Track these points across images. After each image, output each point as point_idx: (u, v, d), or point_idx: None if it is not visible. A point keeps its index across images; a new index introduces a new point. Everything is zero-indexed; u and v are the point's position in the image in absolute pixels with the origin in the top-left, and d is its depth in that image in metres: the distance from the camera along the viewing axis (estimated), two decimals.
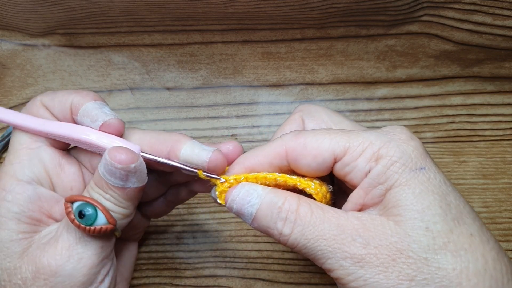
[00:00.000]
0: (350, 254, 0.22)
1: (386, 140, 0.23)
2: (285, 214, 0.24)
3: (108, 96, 0.43)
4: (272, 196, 0.24)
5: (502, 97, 0.44)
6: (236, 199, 0.25)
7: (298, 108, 0.29)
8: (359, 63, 0.44)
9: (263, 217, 0.24)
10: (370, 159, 0.23)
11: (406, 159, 0.22)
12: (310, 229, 0.23)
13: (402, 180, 0.22)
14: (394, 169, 0.22)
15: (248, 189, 0.25)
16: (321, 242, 0.22)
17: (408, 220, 0.22)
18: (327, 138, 0.24)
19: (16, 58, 0.43)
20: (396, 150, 0.22)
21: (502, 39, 0.41)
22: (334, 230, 0.22)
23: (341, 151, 0.23)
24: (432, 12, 0.40)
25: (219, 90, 0.44)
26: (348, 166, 0.23)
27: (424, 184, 0.22)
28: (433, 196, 0.22)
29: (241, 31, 0.43)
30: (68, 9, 0.40)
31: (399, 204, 0.22)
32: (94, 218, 0.24)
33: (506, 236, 0.39)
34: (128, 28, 0.42)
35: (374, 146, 0.23)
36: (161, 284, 0.37)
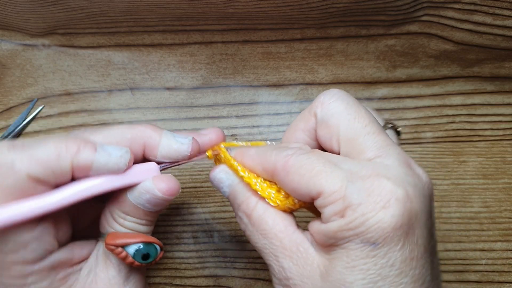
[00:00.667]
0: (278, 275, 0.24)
1: (360, 200, 0.21)
2: (241, 214, 0.26)
3: (108, 96, 0.43)
4: (238, 189, 0.27)
5: (502, 97, 0.44)
6: (213, 181, 0.28)
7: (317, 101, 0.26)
8: (359, 63, 0.44)
9: (231, 204, 0.27)
10: (335, 213, 0.21)
11: (363, 230, 0.20)
12: (257, 236, 0.25)
13: (347, 246, 0.21)
14: (345, 234, 0.21)
15: (222, 176, 0.28)
16: (263, 251, 0.25)
17: (330, 282, 0.21)
18: (306, 175, 0.22)
19: (16, 58, 0.43)
20: (360, 218, 0.20)
21: (502, 39, 0.41)
22: (273, 249, 0.24)
23: (315, 194, 0.22)
24: (432, 12, 0.40)
25: (219, 90, 0.44)
26: (320, 209, 0.22)
27: (363, 259, 0.20)
28: (362, 275, 0.20)
29: (241, 31, 0.43)
30: (68, 9, 0.40)
31: (333, 264, 0.21)
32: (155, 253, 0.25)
33: (506, 236, 0.39)
34: (128, 28, 0.42)
35: (345, 202, 0.21)
36: (161, 284, 0.37)
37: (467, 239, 0.39)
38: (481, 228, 0.39)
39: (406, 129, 0.43)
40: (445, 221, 0.40)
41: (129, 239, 0.24)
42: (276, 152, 0.25)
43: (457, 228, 0.40)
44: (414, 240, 0.21)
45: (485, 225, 0.40)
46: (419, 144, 0.43)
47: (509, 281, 0.38)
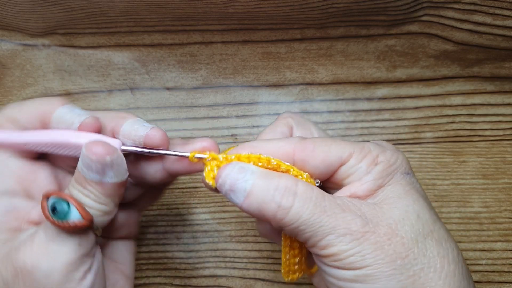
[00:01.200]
0: (351, 231, 0.23)
1: (382, 149, 0.26)
2: (284, 187, 0.24)
3: (108, 96, 0.43)
4: (267, 172, 0.25)
5: (502, 97, 0.44)
6: (230, 174, 0.25)
7: (285, 114, 0.30)
8: (359, 63, 0.44)
9: (258, 192, 0.24)
10: (371, 163, 0.25)
11: (398, 165, 0.26)
12: (312, 204, 0.24)
13: (395, 180, 0.25)
14: (389, 171, 0.25)
15: (242, 165, 0.25)
16: (323, 218, 0.23)
17: (402, 207, 0.24)
18: (334, 144, 0.26)
19: (16, 58, 0.43)
20: (391, 156, 0.26)
21: (502, 39, 0.41)
22: (335, 208, 0.24)
23: (347, 156, 0.25)
24: (432, 12, 0.40)
25: (219, 90, 0.44)
26: (352, 168, 0.25)
27: (411, 184, 0.26)
28: (418, 194, 0.26)
29: (241, 31, 0.43)
30: (68, 9, 0.40)
31: (391, 196, 0.25)
32: (67, 213, 0.24)
33: (506, 236, 0.39)
34: (128, 28, 0.42)
35: (374, 153, 0.26)
36: (161, 284, 0.37)
37: (467, 239, 0.39)
38: (481, 228, 0.39)
39: (406, 129, 0.43)
40: (445, 221, 0.40)
41: (54, 193, 0.24)
42: (287, 140, 0.26)
43: (457, 228, 0.40)
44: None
45: (485, 225, 0.40)
46: (419, 144, 0.43)
47: (509, 281, 0.38)
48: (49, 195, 0.24)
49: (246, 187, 0.24)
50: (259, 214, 0.24)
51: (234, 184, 0.24)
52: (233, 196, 0.25)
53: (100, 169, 0.24)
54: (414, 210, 0.24)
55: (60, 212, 0.24)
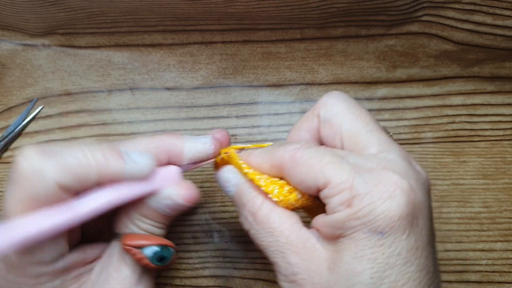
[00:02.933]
0: (285, 272, 0.23)
1: (367, 190, 0.21)
2: (246, 213, 0.26)
3: (108, 96, 0.43)
4: (243, 189, 0.27)
5: (503, 97, 0.44)
6: (220, 179, 0.29)
7: (320, 102, 0.27)
8: (359, 63, 0.44)
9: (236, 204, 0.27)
10: (342, 203, 0.22)
11: (370, 219, 0.21)
12: (263, 234, 0.24)
13: (354, 236, 0.21)
14: (352, 224, 0.21)
15: (229, 175, 0.28)
16: (269, 249, 0.24)
17: (338, 273, 0.21)
18: (315, 166, 0.23)
19: (16, 58, 0.43)
20: (367, 207, 0.21)
21: (503, 39, 0.41)
22: (279, 246, 0.24)
23: (323, 184, 0.23)
24: (432, 12, 0.40)
25: (219, 90, 0.44)
26: (326, 199, 0.23)
27: (371, 249, 0.21)
28: (371, 264, 0.21)
29: (241, 31, 0.43)
30: (68, 9, 0.40)
31: (341, 255, 0.22)
32: (170, 256, 0.26)
33: (506, 236, 0.39)
34: (128, 28, 0.42)
35: (352, 192, 0.22)
36: (161, 284, 0.37)
37: (467, 239, 0.39)
38: (481, 228, 0.39)
39: (406, 129, 0.43)
40: (445, 221, 0.40)
41: (147, 241, 0.24)
42: (283, 147, 0.25)
43: (457, 229, 0.39)
44: (418, 230, 0.21)
45: (485, 225, 0.39)
46: (419, 144, 0.43)
47: (509, 282, 0.38)
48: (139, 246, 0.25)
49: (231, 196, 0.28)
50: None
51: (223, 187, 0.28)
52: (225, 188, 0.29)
53: (178, 208, 0.26)
54: (347, 285, 0.21)
55: (167, 258, 0.25)
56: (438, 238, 0.39)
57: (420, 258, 0.21)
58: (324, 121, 0.26)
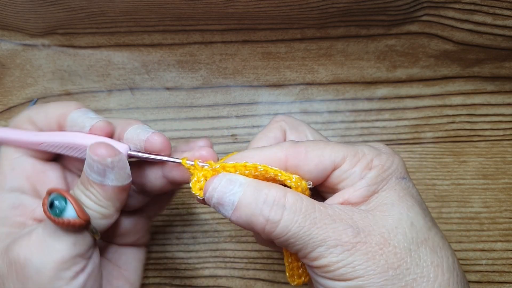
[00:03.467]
0: (341, 242, 0.23)
1: (377, 153, 0.26)
2: (273, 200, 0.23)
3: (108, 96, 0.43)
4: (256, 184, 0.24)
5: (503, 97, 0.44)
6: (217, 188, 0.24)
7: (278, 117, 0.30)
8: (359, 63, 0.44)
9: (246, 205, 0.23)
10: (365, 167, 0.25)
11: (393, 169, 0.25)
12: (301, 216, 0.23)
13: (389, 185, 0.25)
14: (384, 176, 0.25)
15: (230, 178, 0.24)
16: (313, 230, 0.23)
17: (395, 215, 0.24)
18: (327, 148, 0.25)
19: (16, 58, 0.43)
20: (386, 161, 0.25)
21: (503, 39, 0.41)
22: (325, 219, 0.23)
23: (341, 160, 0.25)
24: (432, 12, 0.40)
25: (219, 90, 0.44)
26: (346, 173, 0.25)
27: (406, 190, 0.25)
28: (413, 200, 0.25)
29: (241, 31, 0.43)
30: (67, 9, 0.40)
31: (385, 203, 0.24)
32: (63, 210, 0.24)
33: (506, 236, 0.39)
34: (128, 28, 0.42)
35: (368, 157, 0.25)
36: (161, 284, 0.37)
37: (467, 239, 0.39)
38: (481, 228, 0.39)
39: (406, 129, 0.43)
40: (446, 221, 0.40)
41: (56, 189, 0.25)
42: (279, 146, 0.26)
43: (457, 229, 0.39)
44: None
45: (485, 225, 0.39)
46: (419, 144, 0.43)
47: (509, 281, 0.38)
48: (51, 192, 0.25)
49: (234, 200, 0.24)
50: (248, 226, 0.24)
51: (221, 198, 0.24)
52: (222, 209, 0.24)
53: (101, 170, 0.25)
54: (408, 218, 0.24)
55: (57, 207, 0.24)
56: None
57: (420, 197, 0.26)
58: (291, 128, 0.29)
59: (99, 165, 0.25)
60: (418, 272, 0.23)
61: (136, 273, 0.32)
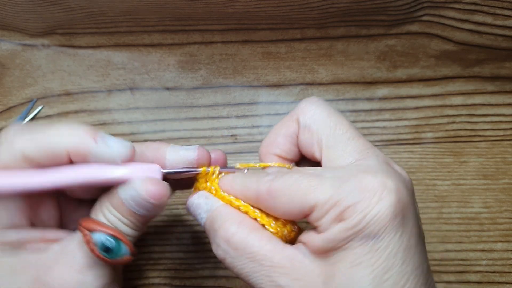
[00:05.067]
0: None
1: (357, 199, 0.21)
2: (219, 240, 0.24)
3: (108, 96, 0.43)
4: (216, 214, 0.25)
5: (503, 97, 0.44)
6: (190, 208, 0.27)
7: (299, 108, 0.27)
8: (359, 63, 0.44)
9: (207, 231, 0.25)
10: (333, 220, 0.22)
11: (362, 226, 0.21)
12: (242, 261, 0.23)
13: (348, 246, 0.21)
14: (346, 234, 0.21)
15: (200, 202, 0.26)
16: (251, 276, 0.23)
17: (337, 285, 0.21)
18: (296, 194, 0.23)
19: (16, 58, 0.43)
20: (358, 215, 0.21)
21: (503, 39, 0.41)
22: (264, 270, 0.22)
23: (309, 209, 0.22)
24: (433, 12, 0.40)
25: (219, 90, 0.44)
26: (316, 223, 0.22)
27: (367, 255, 0.21)
28: (370, 269, 0.21)
29: (241, 31, 0.43)
30: (67, 9, 0.40)
31: (335, 268, 0.21)
32: (119, 251, 0.24)
33: (506, 236, 0.39)
34: (127, 28, 0.42)
35: (341, 206, 0.21)
36: (161, 284, 0.37)
37: (467, 239, 0.39)
38: (481, 228, 0.39)
39: (406, 129, 0.43)
40: (446, 222, 0.40)
41: (100, 227, 0.24)
42: (256, 179, 0.25)
43: (457, 229, 0.39)
44: (409, 228, 0.22)
45: (485, 225, 0.39)
46: (419, 144, 0.43)
47: (510, 282, 0.38)
48: (92, 228, 0.24)
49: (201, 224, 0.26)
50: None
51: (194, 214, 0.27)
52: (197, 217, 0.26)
53: (152, 208, 0.24)
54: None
55: (113, 251, 0.24)
56: (438, 238, 0.39)
57: (415, 256, 0.21)
58: (304, 127, 0.26)
59: (149, 205, 0.24)
60: None
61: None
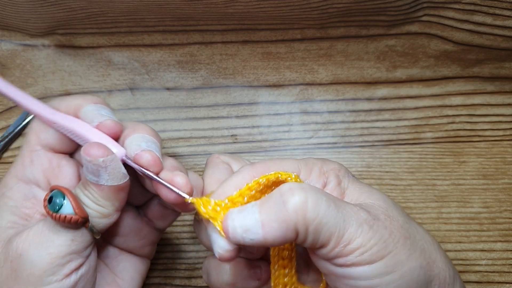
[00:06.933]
0: (365, 220, 0.23)
1: (322, 161, 0.28)
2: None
3: (108, 96, 0.43)
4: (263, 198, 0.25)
5: (502, 97, 0.44)
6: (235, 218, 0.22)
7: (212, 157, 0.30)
8: (359, 63, 0.44)
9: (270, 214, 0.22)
10: (319, 175, 0.26)
11: (344, 170, 0.27)
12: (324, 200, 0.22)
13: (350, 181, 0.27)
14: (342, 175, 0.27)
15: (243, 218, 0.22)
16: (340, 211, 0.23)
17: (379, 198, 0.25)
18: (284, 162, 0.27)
19: (16, 58, 0.43)
20: (334, 164, 0.27)
21: (502, 39, 0.41)
22: (342, 203, 0.23)
23: (297, 172, 0.26)
24: (432, 12, 0.40)
25: (219, 90, 0.44)
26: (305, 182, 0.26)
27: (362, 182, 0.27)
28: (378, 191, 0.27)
29: (241, 31, 0.43)
30: (68, 9, 0.40)
31: (363, 191, 0.26)
32: (61, 206, 0.24)
33: (506, 236, 0.39)
34: (128, 28, 0.42)
35: (318, 165, 0.27)
36: (161, 284, 0.37)
37: (467, 239, 0.39)
38: (481, 228, 0.39)
39: (406, 129, 0.43)
40: (445, 222, 0.40)
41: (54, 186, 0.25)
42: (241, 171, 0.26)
43: (457, 229, 0.39)
44: None
45: (485, 225, 0.39)
46: (419, 144, 0.43)
47: (509, 282, 0.38)
48: (52, 189, 0.25)
49: (257, 217, 0.22)
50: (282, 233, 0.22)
51: (244, 223, 0.22)
52: (251, 235, 0.22)
53: (95, 170, 0.25)
54: (387, 198, 0.26)
55: (55, 203, 0.24)
56: (437, 238, 0.39)
57: None
58: (233, 160, 0.30)
59: (92, 165, 0.25)
60: (420, 239, 0.24)
61: (132, 285, 0.31)
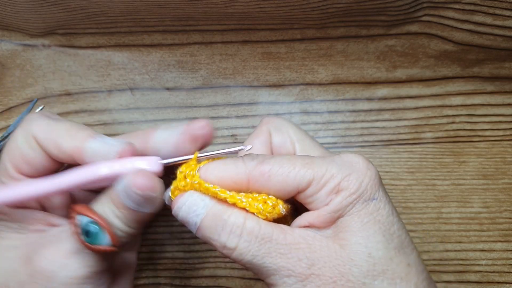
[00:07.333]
0: (295, 272, 0.23)
1: (347, 173, 0.24)
2: (230, 228, 0.24)
3: (108, 96, 0.43)
4: (219, 208, 0.25)
5: (502, 97, 0.44)
6: (182, 207, 0.25)
7: (264, 120, 0.31)
8: (359, 63, 0.44)
9: (207, 228, 0.24)
10: (331, 192, 0.24)
11: (362, 191, 0.24)
12: (256, 245, 0.23)
13: (354, 210, 0.24)
14: (350, 200, 0.24)
15: (195, 198, 0.25)
16: (266, 260, 0.23)
17: (352, 245, 0.23)
18: (292, 171, 0.24)
19: (16, 58, 0.43)
20: (355, 183, 0.24)
21: (502, 40, 0.41)
22: (281, 249, 0.23)
23: (305, 185, 0.24)
24: (432, 12, 0.40)
25: (219, 90, 0.44)
26: (311, 197, 0.24)
27: (372, 214, 0.24)
28: (378, 225, 0.24)
29: (241, 31, 0.43)
30: (68, 9, 0.40)
31: (347, 230, 0.24)
32: (99, 238, 0.24)
33: (506, 236, 0.39)
34: (128, 28, 0.42)
35: (336, 179, 0.24)
36: (161, 284, 0.37)
37: (467, 239, 0.39)
38: (481, 228, 0.39)
39: (406, 129, 0.43)
40: (445, 222, 0.40)
41: (87, 211, 0.24)
42: (244, 162, 0.25)
43: (457, 229, 0.39)
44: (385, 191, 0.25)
45: (485, 225, 0.39)
46: (419, 144, 0.43)
47: (509, 282, 0.38)
48: (80, 212, 0.24)
49: (197, 222, 0.25)
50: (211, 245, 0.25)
51: (185, 217, 0.25)
52: (188, 226, 0.25)
53: (139, 201, 0.24)
54: (366, 249, 0.23)
55: (93, 237, 0.24)
56: (437, 238, 0.39)
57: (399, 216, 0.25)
58: (275, 130, 0.30)
59: (141, 199, 0.24)
60: None
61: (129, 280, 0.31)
